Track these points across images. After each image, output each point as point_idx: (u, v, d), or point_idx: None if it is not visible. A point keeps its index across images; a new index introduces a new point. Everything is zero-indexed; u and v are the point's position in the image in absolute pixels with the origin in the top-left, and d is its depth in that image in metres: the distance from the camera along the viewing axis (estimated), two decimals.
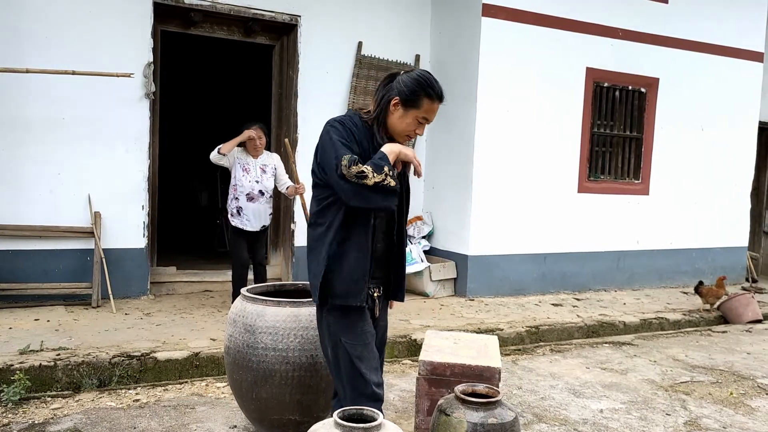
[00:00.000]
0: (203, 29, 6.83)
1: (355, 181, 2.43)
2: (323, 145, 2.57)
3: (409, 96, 2.59)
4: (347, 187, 2.45)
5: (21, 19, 5.75)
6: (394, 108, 2.62)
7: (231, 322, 3.40)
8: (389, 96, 2.62)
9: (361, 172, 2.42)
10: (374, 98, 2.71)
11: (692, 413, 4.21)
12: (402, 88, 2.60)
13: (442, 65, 7.57)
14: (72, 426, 3.60)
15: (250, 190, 5.69)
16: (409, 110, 2.62)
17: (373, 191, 2.46)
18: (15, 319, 5.28)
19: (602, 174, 8.07)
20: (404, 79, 2.63)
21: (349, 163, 2.43)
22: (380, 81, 2.73)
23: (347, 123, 2.61)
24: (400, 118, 2.63)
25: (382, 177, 2.44)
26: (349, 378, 2.67)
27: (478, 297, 7.15)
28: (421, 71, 2.69)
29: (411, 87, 2.60)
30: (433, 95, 2.63)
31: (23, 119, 5.81)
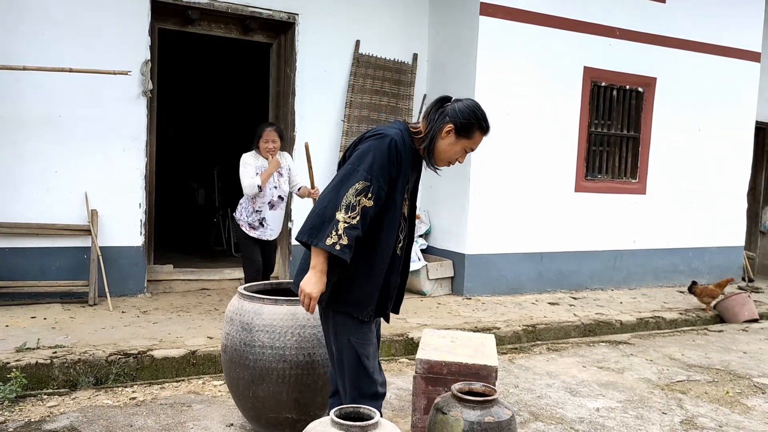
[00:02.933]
0: (201, 27, 6.82)
1: (344, 205, 2.45)
2: (364, 153, 2.54)
3: (463, 125, 2.63)
4: (338, 200, 2.47)
5: (18, 16, 5.74)
6: (446, 134, 2.64)
7: (228, 320, 3.40)
8: (443, 122, 2.63)
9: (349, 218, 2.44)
10: (425, 119, 2.70)
11: (688, 412, 4.22)
12: (457, 116, 2.62)
13: (439, 64, 7.58)
14: (68, 424, 3.60)
15: (271, 198, 5.33)
16: (460, 139, 2.65)
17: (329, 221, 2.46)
18: (11, 316, 5.27)
19: (599, 173, 8.08)
20: (460, 107, 2.64)
21: (358, 192, 2.46)
22: (432, 103, 2.72)
23: (398, 146, 2.58)
24: (449, 145, 2.66)
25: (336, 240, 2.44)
26: (355, 377, 2.67)
27: (475, 296, 7.15)
28: (474, 102, 2.69)
29: (467, 117, 2.63)
30: (485, 128, 2.69)
31: (20, 117, 5.79)
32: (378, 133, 2.60)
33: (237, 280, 6.99)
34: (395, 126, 2.69)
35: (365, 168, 2.49)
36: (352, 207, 2.45)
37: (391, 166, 2.56)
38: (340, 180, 2.51)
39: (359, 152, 2.55)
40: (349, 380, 2.70)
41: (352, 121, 7.21)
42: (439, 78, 7.58)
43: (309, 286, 2.50)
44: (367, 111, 7.31)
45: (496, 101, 7.13)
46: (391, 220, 2.65)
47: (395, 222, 2.67)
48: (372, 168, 2.49)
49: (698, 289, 7.20)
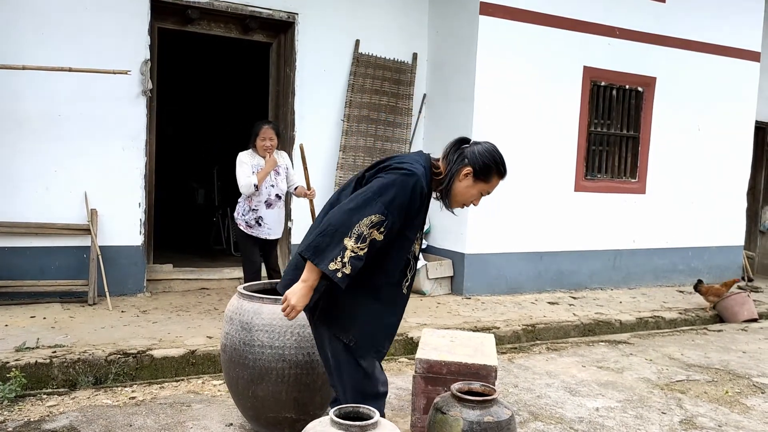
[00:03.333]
0: (200, 26, 6.82)
1: (355, 233, 2.40)
2: (387, 185, 2.47)
3: (482, 169, 2.60)
4: (350, 226, 2.41)
5: (18, 15, 5.74)
6: (464, 177, 2.62)
7: (227, 319, 3.40)
8: (461, 164, 2.61)
9: (357, 248, 2.40)
10: (443, 159, 2.66)
11: (688, 412, 4.22)
12: (477, 160, 2.60)
13: (439, 64, 7.58)
14: (68, 423, 3.59)
15: (268, 196, 5.28)
16: (477, 182, 2.63)
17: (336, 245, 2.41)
18: (11, 316, 5.27)
19: (599, 173, 8.08)
20: (479, 150, 2.62)
21: (372, 224, 2.41)
22: (451, 144, 2.67)
23: (423, 188, 2.53)
24: (466, 188, 2.64)
25: (339, 266, 2.39)
26: (355, 380, 2.65)
27: (475, 295, 7.15)
28: (492, 145, 2.67)
29: (486, 161, 2.60)
30: (503, 172, 2.67)
31: (19, 116, 5.79)
32: (405, 167, 2.51)
33: (236, 279, 6.99)
34: (421, 161, 2.62)
35: (385, 202, 2.42)
36: (362, 238, 2.40)
37: (411, 205, 2.51)
38: (357, 206, 2.43)
39: (382, 183, 2.47)
40: (349, 384, 2.66)
41: (351, 120, 7.21)
42: (439, 77, 7.58)
43: (295, 297, 2.47)
44: (366, 110, 7.30)
45: (496, 101, 7.13)
46: (400, 258, 2.62)
47: (403, 260, 2.64)
48: (392, 204, 2.44)
49: (704, 287, 7.21)
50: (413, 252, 2.69)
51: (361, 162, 7.25)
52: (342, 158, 7.16)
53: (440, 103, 7.56)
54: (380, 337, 2.66)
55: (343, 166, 7.16)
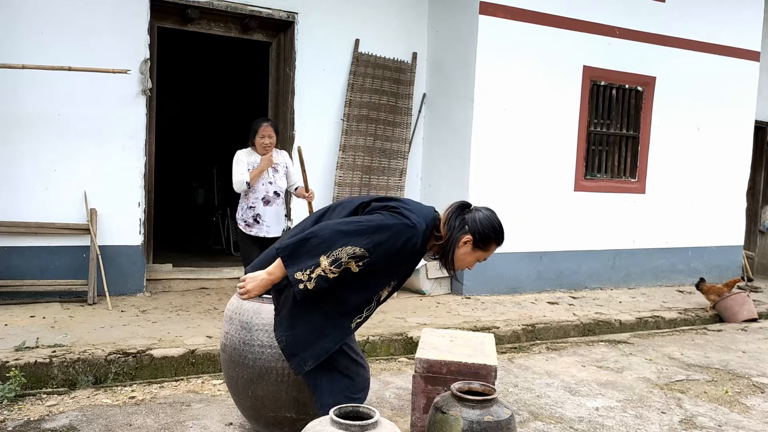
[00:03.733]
0: (200, 26, 6.82)
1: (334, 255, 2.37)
2: (383, 227, 2.44)
3: (482, 238, 2.62)
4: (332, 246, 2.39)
5: (17, 14, 5.73)
6: (463, 244, 2.62)
7: (227, 319, 3.40)
8: (462, 231, 2.60)
9: (329, 270, 2.37)
10: (445, 223, 2.63)
11: (688, 412, 4.22)
12: (477, 229, 2.60)
13: (439, 63, 7.57)
14: (68, 423, 3.59)
15: (265, 194, 5.25)
16: (476, 251, 2.65)
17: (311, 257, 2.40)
18: (10, 315, 5.27)
19: (599, 172, 8.08)
20: (480, 219, 2.62)
21: (352, 256, 2.38)
22: (453, 209, 2.66)
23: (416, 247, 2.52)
24: (465, 254, 2.65)
25: (304, 279, 2.39)
26: (333, 379, 2.61)
27: (475, 295, 7.15)
28: (492, 214, 2.67)
29: (487, 231, 2.62)
30: (501, 241, 2.68)
31: (19, 115, 5.79)
32: (411, 218, 2.49)
33: (236, 279, 6.98)
34: (428, 218, 2.60)
35: (375, 241, 2.40)
36: (338, 263, 2.37)
37: (397, 255, 2.50)
38: (348, 231, 2.40)
39: (382, 222, 2.45)
40: (333, 381, 2.64)
41: (351, 119, 7.20)
42: (439, 77, 7.58)
43: (254, 284, 2.50)
44: (366, 110, 7.30)
45: (495, 100, 7.13)
46: (365, 296, 2.59)
47: (368, 298, 2.61)
48: (380, 246, 2.42)
49: (706, 286, 7.21)
50: (380, 295, 2.66)
51: (360, 161, 7.25)
52: (342, 157, 7.15)
53: (440, 102, 7.56)
54: (306, 353, 2.59)
55: (342, 166, 7.16)
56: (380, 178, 7.40)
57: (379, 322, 5.64)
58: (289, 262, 2.40)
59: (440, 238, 2.63)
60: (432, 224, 2.61)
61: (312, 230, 2.44)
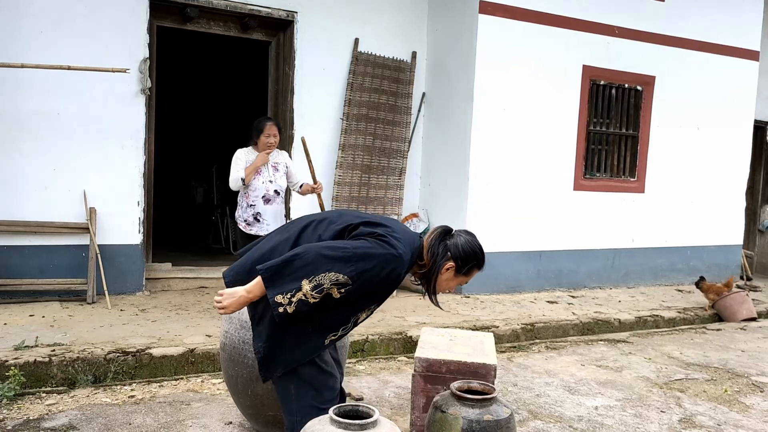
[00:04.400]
0: (199, 25, 6.82)
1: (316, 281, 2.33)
2: (368, 255, 2.38)
3: (464, 265, 2.63)
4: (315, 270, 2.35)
5: (16, 14, 5.72)
6: (446, 271, 2.62)
7: (227, 318, 3.40)
8: (445, 258, 2.60)
9: (311, 295, 2.33)
10: (428, 250, 2.61)
11: (687, 411, 4.23)
12: (459, 255, 2.61)
13: (438, 63, 7.57)
14: (67, 422, 3.59)
15: (265, 192, 5.25)
16: (458, 276, 2.66)
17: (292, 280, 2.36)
18: (10, 314, 5.26)
19: (598, 172, 8.08)
20: (463, 246, 2.62)
21: (335, 283, 2.34)
22: (435, 236, 2.64)
23: (399, 277, 2.49)
24: (447, 281, 2.66)
25: (284, 302, 2.35)
26: (306, 388, 2.58)
27: (474, 294, 7.15)
28: (474, 240, 2.67)
29: (469, 258, 2.62)
30: (482, 266, 2.69)
31: (18, 114, 5.78)
32: (397, 248, 2.43)
33: None
34: (413, 247, 2.56)
35: (359, 270, 2.36)
36: (320, 289, 2.33)
37: (379, 285, 2.47)
38: (333, 257, 2.35)
39: (368, 251, 2.39)
40: (310, 394, 2.58)
41: (351, 119, 7.20)
42: (439, 76, 7.57)
43: (231, 301, 2.43)
44: (366, 109, 7.30)
45: (495, 99, 7.13)
46: (344, 317, 2.56)
47: (347, 318, 2.58)
48: (364, 274, 2.37)
49: (705, 285, 7.21)
50: (357, 317, 2.64)
51: (360, 160, 7.25)
52: (341, 157, 7.15)
53: (439, 101, 7.56)
54: (277, 364, 2.55)
55: (342, 165, 7.15)
56: (380, 177, 7.40)
57: (378, 321, 5.64)
58: (270, 284, 2.35)
59: (423, 266, 2.63)
60: (417, 252, 2.59)
61: (296, 252, 2.38)
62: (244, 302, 2.44)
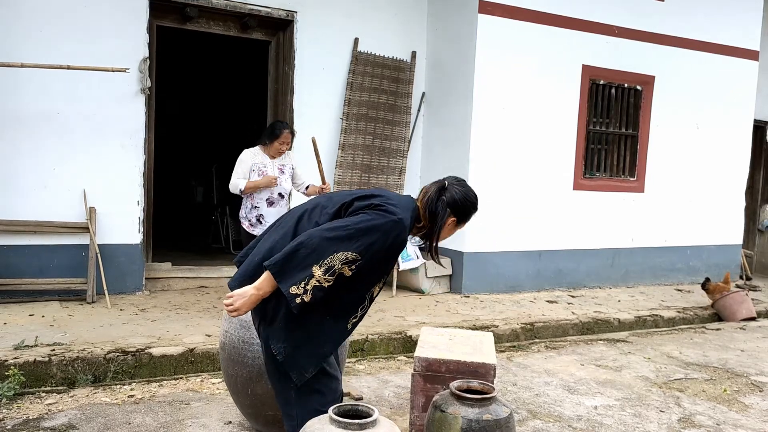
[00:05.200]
0: (199, 24, 6.81)
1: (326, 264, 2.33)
2: (370, 228, 2.39)
3: (464, 215, 2.70)
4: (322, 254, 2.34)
5: (16, 13, 5.72)
6: (447, 225, 2.68)
7: (226, 317, 3.40)
8: (445, 215, 2.64)
9: (324, 279, 2.33)
10: (426, 209, 2.62)
11: (686, 410, 4.23)
12: (460, 210, 2.66)
13: (438, 62, 7.57)
14: (66, 421, 3.59)
15: (270, 195, 5.26)
16: (458, 226, 2.74)
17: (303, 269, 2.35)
18: (9, 314, 5.27)
19: (598, 171, 8.08)
20: (460, 199, 2.65)
21: (345, 261, 2.34)
22: (431, 194, 2.64)
23: (404, 240, 2.51)
24: (448, 231, 2.72)
25: (300, 292, 2.33)
26: (308, 391, 2.56)
27: (474, 294, 7.16)
28: (468, 189, 2.70)
29: (468, 210, 2.69)
30: (477, 209, 2.76)
31: (18, 114, 5.78)
32: (397, 214, 2.45)
33: None
34: (410, 210, 2.57)
35: (364, 244, 2.37)
36: (332, 271, 2.33)
37: (387, 253, 2.49)
38: (337, 237, 2.35)
39: (369, 224, 2.40)
40: (309, 393, 2.57)
41: (350, 118, 7.20)
42: (438, 76, 7.57)
43: (242, 301, 2.41)
44: (365, 109, 7.30)
45: (495, 99, 7.13)
46: (359, 296, 2.57)
47: (362, 297, 2.59)
48: (370, 247, 2.39)
49: (711, 285, 7.21)
50: (372, 293, 2.65)
51: (360, 160, 7.25)
52: (341, 156, 7.15)
53: (439, 101, 7.56)
54: (306, 361, 2.53)
55: (342, 165, 7.16)
56: (379, 176, 7.40)
57: (378, 321, 5.64)
58: (281, 278, 2.34)
59: (422, 227, 2.66)
60: (415, 214, 2.62)
61: (299, 241, 2.37)
62: (255, 300, 2.42)
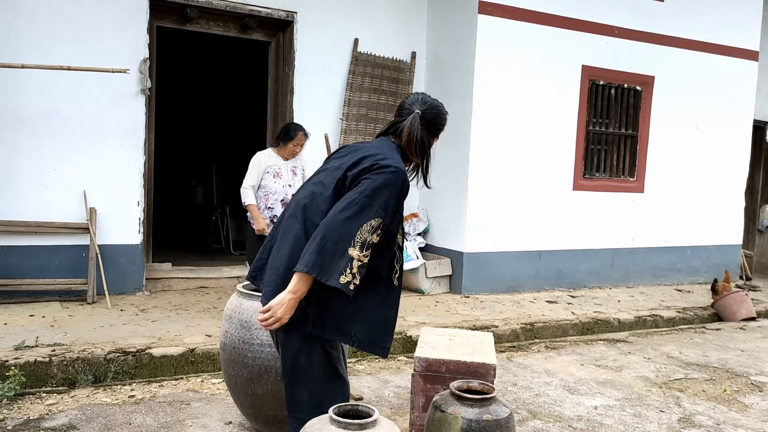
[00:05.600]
0: (199, 25, 6.82)
1: (359, 242, 2.35)
2: (379, 188, 2.42)
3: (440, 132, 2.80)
4: (351, 235, 2.35)
5: (16, 14, 5.73)
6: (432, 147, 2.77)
7: (227, 318, 3.40)
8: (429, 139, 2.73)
9: (363, 256, 2.36)
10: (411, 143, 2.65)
11: (686, 410, 4.24)
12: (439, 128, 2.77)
13: (438, 62, 7.58)
14: (67, 422, 3.60)
15: (284, 196, 5.28)
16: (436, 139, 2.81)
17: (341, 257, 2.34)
18: (10, 314, 5.27)
19: (597, 172, 8.09)
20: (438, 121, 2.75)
21: (372, 230, 2.38)
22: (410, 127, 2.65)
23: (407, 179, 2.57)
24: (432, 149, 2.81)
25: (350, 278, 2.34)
26: (325, 381, 2.58)
27: (474, 294, 7.16)
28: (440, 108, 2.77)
29: (443, 125, 2.79)
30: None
31: (18, 114, 5.79)
32: (391, 165, 2.48)
33: (236, 278, 6.99)
34: (395, 151, 2.61)
35: (381, 205, 2.40)
36: (367, 245, 2.36)
37: (400, 201, 2.53)
38: (354, 213, 2.36)
39: (376, 185, 2.42)
40: (316, 386, 2.58)
41: (350, 119, 7.21)
42: (438, 76, 7.58)
43: (282, 308, 2.36)
44: (365, 109, 7.31)
45: (494, 99, 7.14)
46: (389, 252, 2.59)
47: (393, 252, 2.62)
48: (387, 206, 2.42)
49: (720, 286, 7.21)
50: (398, 243, 2.67)
51: None
52: None
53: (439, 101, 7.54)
54: (380, 333, 2.60)
55: None
56: None
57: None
58: (325, 275, 2.32)
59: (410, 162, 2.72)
60: (401, 153, 2.66)
61: (321, 236, 2.35)
62: (294, 305, 2.39)
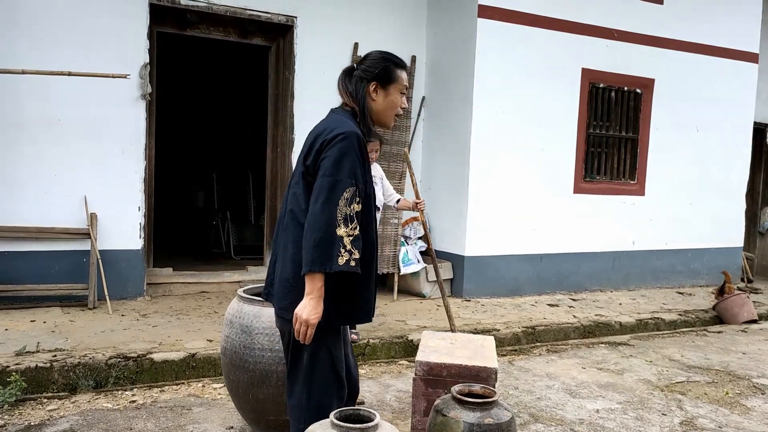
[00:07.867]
0: (199, 30, 6.83)
1: (341, 219, 2.34)
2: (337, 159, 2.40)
3: (383, 74, 2.60)
4: (332, 217, 2.34)
5: (17, 19, 5.74)
6: (374, 94, 2.60)
7: (228, 323, 3.40)
8: (363, 86, 2.59)
9: (351, 230, 2.35)
10: (346, 95, 2.63)
11: (688, 413, 4.23)
12: (373, 71, 2.59)
13: (438, 66, 7.59)
14: (68, 427, 3.60)
15: None
16: (388, 87, 2.62)
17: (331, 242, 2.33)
18: (11, 320, 5.27)
19: (598, 174, 8.09)
20: (369, 63, 2.61)
21: (348, 201, 2.36)
22: (341, 78, 2.65)
23: (359, 136, 2.50)
24: (385, 99, 2.62)
25: (347, 257, 2.34)
26: (325, 381, 2.56)
27: (475, 298, 7.15)
28: (376, 51, 2.67)
29: (381, 65, 2.60)
30: (400, 63, 2.66)
31: (18, 120, 5.80)
32: (341, 134, 2.45)
33: (236, 282, 6.99)
34: (344, 117, 2.59)
35: (346, 174, 2.39)
36: (350, 218, 2.36)
37: (363, 162, 2.50)
38: (327, 196, 2.35)
39: (331, 161, 2.41)
40: (316, 386, 2.56)
41: None
42: (438, 80, 7.59)
43: (306, 312, 2.35)
44: None
45: (494, 103, 7.14)
46: (369, 213, 2.57)
47: (372, 213, 2.61)
48: (353, 173, 2.41)
49: (728, 287, 7.20)
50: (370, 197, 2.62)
51: None
52: None
53: (439, 105, 7.57)
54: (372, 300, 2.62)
55: None
56: None
57: (379, 325, 5.64)
58: (326, 265, 2.32)
59: (356, 114, 2.61)
60: (347, 114, 2.60)
61: (308, 231, 2.36)
62: (315, 304, 2.38)
